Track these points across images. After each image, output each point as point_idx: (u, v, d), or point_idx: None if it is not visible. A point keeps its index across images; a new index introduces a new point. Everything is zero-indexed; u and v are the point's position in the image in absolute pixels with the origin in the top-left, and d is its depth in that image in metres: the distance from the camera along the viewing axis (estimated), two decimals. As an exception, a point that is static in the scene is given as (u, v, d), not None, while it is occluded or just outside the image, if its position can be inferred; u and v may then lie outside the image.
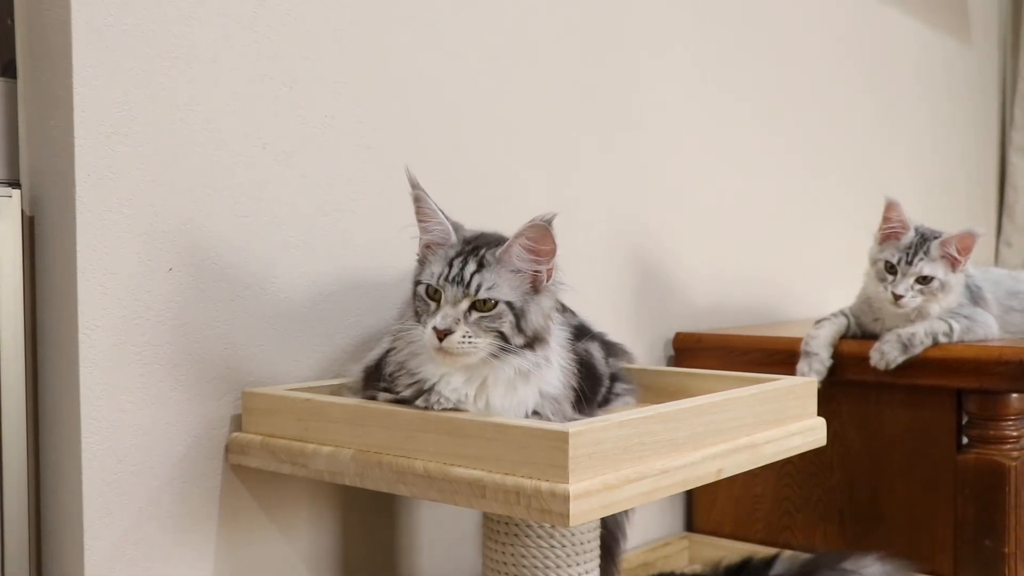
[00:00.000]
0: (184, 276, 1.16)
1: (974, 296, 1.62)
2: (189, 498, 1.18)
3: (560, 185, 1.66)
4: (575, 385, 1.13)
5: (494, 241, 1.06)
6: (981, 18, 3.23)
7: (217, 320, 1.20)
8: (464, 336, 1.01)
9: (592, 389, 1.21)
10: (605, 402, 1.28)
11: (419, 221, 1.09)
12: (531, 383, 1.06)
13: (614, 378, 1.30)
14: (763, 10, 2.17)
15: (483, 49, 1.52)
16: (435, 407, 1.04)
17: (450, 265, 1.04)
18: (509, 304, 1.03)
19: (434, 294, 1.04)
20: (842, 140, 2.48)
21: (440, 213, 1.07)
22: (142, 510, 1.13)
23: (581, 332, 1.28)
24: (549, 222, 1.01)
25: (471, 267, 1.03)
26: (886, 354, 1.55)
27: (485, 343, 1.02)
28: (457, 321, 1.01)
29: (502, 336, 1.02)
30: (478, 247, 1.05)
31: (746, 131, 2.12)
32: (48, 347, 1.12)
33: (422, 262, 1.09)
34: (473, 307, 1.02)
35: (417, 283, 1.07)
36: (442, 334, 1.01)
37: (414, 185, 1.07)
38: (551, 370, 1.09)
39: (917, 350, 1.54)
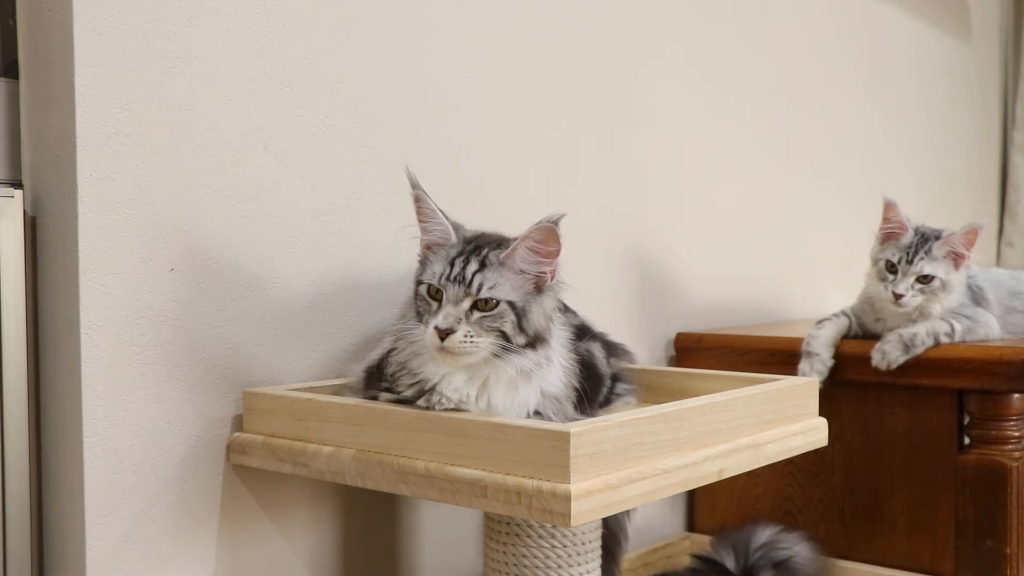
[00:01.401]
0: (185, 276, 1.16)
1: (976, 296, 1.62)
2: (190, 498, 1.18)
3: (560, 185, 1.66)
4: (577, 385, 1.13)
5: (495, 241, 1.06)
6: (981, 16, 3.22)
7: (218, 320, 1.20)
8: (466, 335, 1.01)
9: (594, 389, 1.21)
10: (606, 402, 1.28)
11: (419, 221, 1.09)
12: (533, 383, 1.06)
13: (615, 378, 1.31)
14: (762, 9, 2.17)
15: (483, 48, 1.52)
16: (437, 407, 1.04)
17: (451, 265, 1.03)
18: (511, 304, 1.02)
19: (435, 294, 1.04)
20: (842, 139, 2.48)
21: (440, 213, 1.07)
22: (143, 509, 1.13)
23: (582, 332, 1.28)
24: (556, 223, 1.01)
25: (473, 266, 1.03)
26: (887, 354, 1.54)
27: (487, 343, 1.02)
28: (459, 320, 1.01)
29: (504, 336, 1.02)
30: (479, 247, 1.05)
31: (746, 130, 2.12)
32: (50, 347, 1.12)
33: (423, 262, 1.09)
34: (475, 306, 1.02)
35: (418, 283, 1.07)
36: (443, 334, 1.00)
37: (414, 185, 1.07)
38: (552, 370, 1.09)
39: (919, 350, 1.54)
